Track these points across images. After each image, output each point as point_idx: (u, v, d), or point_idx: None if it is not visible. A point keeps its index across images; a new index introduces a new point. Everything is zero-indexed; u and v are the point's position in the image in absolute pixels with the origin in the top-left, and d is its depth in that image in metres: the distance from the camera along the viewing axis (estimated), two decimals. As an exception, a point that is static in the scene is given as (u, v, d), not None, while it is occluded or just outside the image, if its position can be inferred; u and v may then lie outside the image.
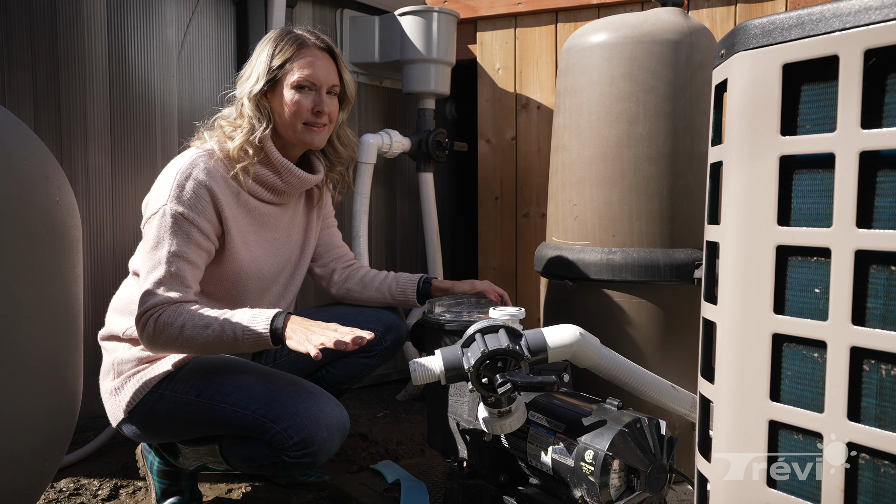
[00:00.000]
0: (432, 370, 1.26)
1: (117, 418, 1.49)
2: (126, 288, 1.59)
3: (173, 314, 1.35)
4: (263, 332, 1.34)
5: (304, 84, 1.50)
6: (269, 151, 1.52)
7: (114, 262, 2.09)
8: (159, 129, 2.17)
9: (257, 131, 1.49)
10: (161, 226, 1.39)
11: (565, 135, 1.73)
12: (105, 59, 2.05)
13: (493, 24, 2.72)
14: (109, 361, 1.52)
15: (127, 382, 1.48)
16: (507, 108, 2.72)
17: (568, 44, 1.76)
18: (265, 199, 1.56)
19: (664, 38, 1.60)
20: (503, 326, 1.27)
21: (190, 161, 1.45)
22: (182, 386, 1.45)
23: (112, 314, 1.58)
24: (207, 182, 1.43)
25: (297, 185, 1.58)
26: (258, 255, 1.55)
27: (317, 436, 1.36)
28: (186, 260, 1.40)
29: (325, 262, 1.80)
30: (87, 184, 2.03)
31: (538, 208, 2.68)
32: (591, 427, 1.21)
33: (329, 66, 1.53)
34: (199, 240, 1.42)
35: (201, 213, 1.42)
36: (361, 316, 1.70)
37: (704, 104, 1.65)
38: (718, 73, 0.95)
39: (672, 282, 1.59)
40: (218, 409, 1.41)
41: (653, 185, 1.61)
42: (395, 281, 1.77)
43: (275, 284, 1.62)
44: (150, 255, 1.40)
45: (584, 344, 1.28)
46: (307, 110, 1.51)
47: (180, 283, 1.39)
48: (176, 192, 1.40)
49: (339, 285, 1.79)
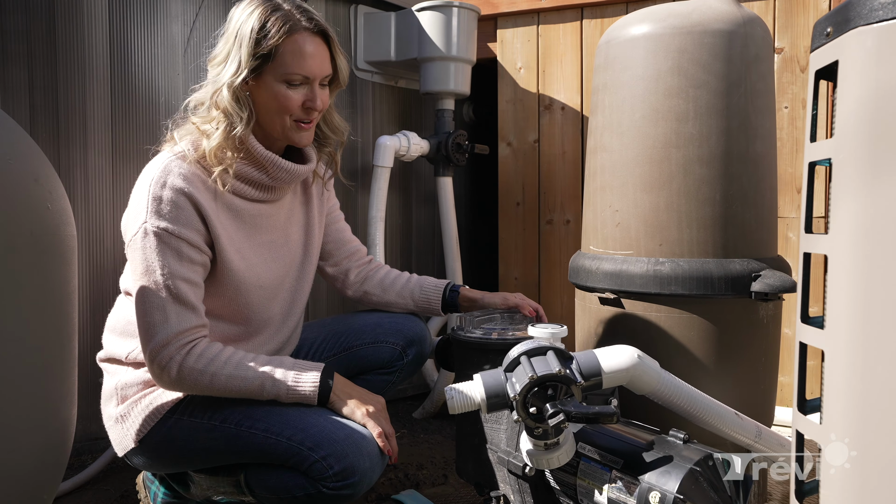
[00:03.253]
0: (472, 398, 1.12)
1: (125, 447, 1.34)
2: (121, 307, 1.44)
3: (203, 358, 1.23)
4: (310, 393, 1.25)
5: (294, 79, 1.29)
6: (252, 147, 1.32)
7: (115, 274, 1.94)
8: (164, 129, 2.03)
9: (237, 128, 1.28)
10: (146, 247, 1.23)
11: (605, 135, 1.59)
12: (106, 56, 1.92)
13: (514, 21, 2.59)
14: (112, 385, 1.38)
15: (134, 408, 1.34)
16: (530, 109, 2.58)
17: (606, 36, 1.63)
18: (252, 198, 1.37)
19: (716, 29, 1.46)
20: (551, 348, 1.13)
21: (162, 168, 1.26)
22: (202, 410, 1.31)
23: (110, 336, 1.44)
24: (186, 188, 1.25)
25: (287, 178, 1.39)
26: (254, 262, 1.38)
27: (359, 465, 1.22)
28: (184, 279, 1.24)
29: (338, 261, 1.62)
30: (87, 188, 1.90)
31: (562, 215, 2.54)
32: (655, 464, 1.06)
33: (323, 54, 1.33)
34: (190, 255, 1.26)
35: (186, 224, 1.25)
36: (380, 328, 1.55)
37: (760, 100, 1.51)
38: (822, 55, 0.81)
39: (727, 296, 1.45)
40: (247, 435, 1.27)
41: (704, 188, 1.47)
42: (418, 286, 1.61)
43: (280, 292, 1.45)
44: (142, 282, 1.23)
45: (644, 368, 1.13)
46: (297, 107, 1.31)
47: (186, 306, 1.24)
48: (153, 207, 1.23)
49: (356, 287, 1.63)
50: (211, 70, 1.33)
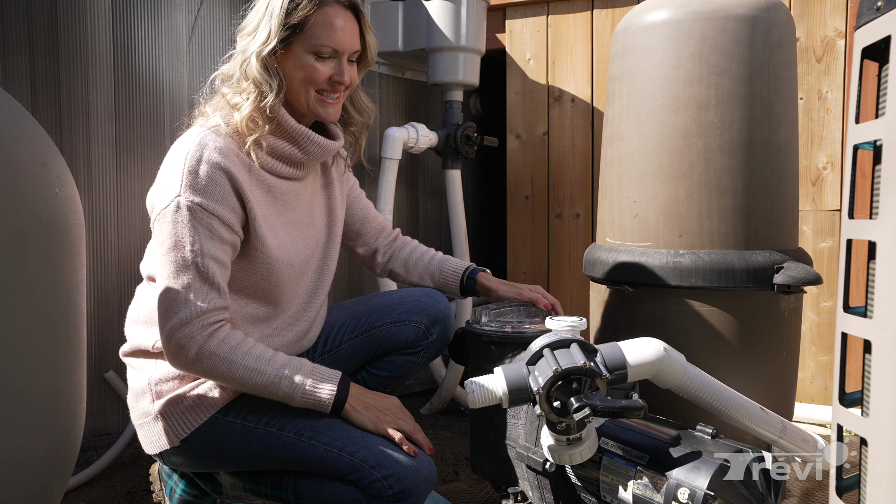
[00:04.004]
0: (493, 392, 1.09)
1: (161, 446, 1.28)
2: (144, 295, 1.37)
3: (225, 344, 1.18)
4: (326, 399, 1.21)
5: (324, 51, 1.27)
6: (283, 119, 1.29)
7: (118, 267, 1.92)
8: (168, 120, 2.00)
9: (268, 98, 1.25)
10: (177, 221, 1.18)
11: (622, 124, 1.56)
12: (109, 45, 1.88)
13: (523, 12, 2.55)
14: (144, 381, 1.31)
15: (177, 405, 1.27)
16: (539, 100, 2.54)
17: (624, 23, 1.59)
18: (283, 175, 1.34)
19: (739, 14, 1.43)
20: (575, 340, 1.09)
21: (198, 141, 1.22)
22: (257, 415, 1.26)
23: (135, 326, 1.36)
24: (223, 163, 1.21)
25: (319, 153, 1.36)
26: (285, 240, 1.34)
27: (415, 489, 1.20)
28: (213, 258, 1.20)
29: (367, 240, 1.61)
30: (90, 179, 1.86)
31: (572, 208, 2.50)
32: (683, 460, 1.03)
33: (353, 29, 1.29)
34: (222, 233, 1.21)
35: (221, 200, 1.21)
36: (402, 307, 1.49)
37: (783, 88, 1.47)
38: (871, 31, 0.77)
39: (748, 288, 1.41)
40: (307, 445, 1.23)
41: (725, 178, 1.43)
42: (438, 268, 1.58)
43: (307, 272, 1.41)
44: (168, 258, 1.19)
45: (669, 361, 1.10)
46: (324, 79, 1.28)
47: (212, 286, 1.19)
48: (189, 180, 1.19)
49: (383, 267, 1.62)
50: (240, 41, 1.30)
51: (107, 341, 1.90)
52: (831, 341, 2.20)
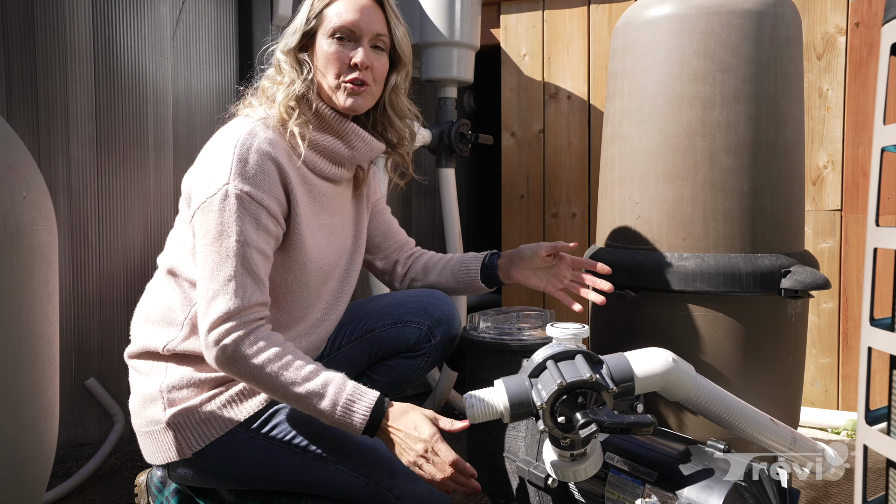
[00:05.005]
0: (494, 406, 1.03)
1: (168, 458, 1.22)
2: (158, 292, 1.30)
3: (263, 349, 1.12)
4: (359, 424, 1.11)
5: (341, 32, 1.24)
6: (321, 110, 1.27)
7: (99, 272, 1.84)
8: (151, 117, 1.92)
9: (297, 82, 1.25)
10: (224, 209, 1.14)
11: (623, 122, 1.50)
12: (89, 38, 1.80)
13: (518, 6, 2.49)
14: (154, 387, 1.24)
15: (192, 415, 1.21)
16: (534, 97, 2.49)
17: (625, 18, 1.53)
18: (325, 175, 1.30)
19: (745, 9, 1.38)
20: (580, 352, 1.04)
21: (248, 130, 1.19)
22: (281, 431, 1.20)
23: (144, 326, 1.29)
24: (273, 154, 1.18)
25: (364, 149, 1.32)
26: (320, 242, 1.30)
27: None
28: (257, 249, 1.15)
29: (387, 254, 1.55)
30: (69, 179, 1.78)
31: (568, 208, 2.45)
32: (694, 477, 0.98)
33: (374, 14, 1.27)
34: (268, 224, 1.17)
35: (269, 191, 1.17)
36: (403, 308, 1.43)
37: (790, 85, 1.42)
38: (902, 26, 0.72)
39: (755, 292, 1.36)
40: (332, 469, 1.18)
41: (731, 179, 1.38)
42: (459, 262, 1.51)
43: (331, 279, 1.36)
44: (212, 248, 1.14)
45: (679, 373, 1.05)
46: (345, 64, 1.25)
47: (255, 279, 1.14)
48: (238, 168, 1.15)
49: (402, 278, 1.54)
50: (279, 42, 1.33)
51: (87, 347, 1.83)
52: (832, 343, 2.16)
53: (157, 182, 1.94)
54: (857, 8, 2.11)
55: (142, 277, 1.82)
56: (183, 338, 1.24)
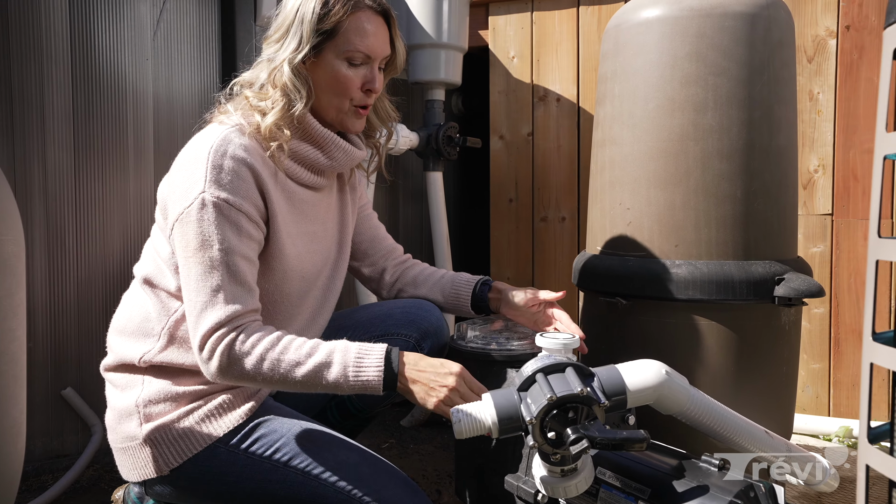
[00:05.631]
0: (482, 421, 0.99)
1: (146, 474, 1.18)
2: (134, 302, 1.27)
3: (258, 341, 1.09)
4: (375, 381, 1.09)
5: (356, 58, 1.21)
6: (310, 125, 1.23)
7: (77, 280, 1.79)
8: (131, 120, 1.87)
9: (296, 105, 1.19)
10: (202, 219, 1.10)
11: (614, 126, 1.47)
12: (66, 39, 1.75)
13: (507, 8, 2.46)
14: (130, 401, 1.20)
15: (170, 430, 1.17)
16: (523, 100, 2.46)
17: (616, 20, 1.50)
18: (304, 182, 1.27)
19: (738, 11, 1.35)
20: (570, 364, 1.00)
21: (222, 137, 1.15)
22: (262, 445, 1.16)
23: (120, 338, 1.26)
24: (249, 159, 1.15)
25: (344, 160, 1.29)
26: (301, 250, 1.27)
27: None
28: (242, 256, 1.13)
29: (374, 261, 1.51)
30: (45, 185, 1.73)
31: (558, 212, 2.42)
32: (688, 494, 0.94)
33: (384, 34, 1.24)
34: (249, 230, 1.14)
35: (246, 196, 1.14)
36: (390, 319, 1.40)
37: (783, 89, 1.40)
38: (905, 29, 0.69)
39: (748, 300, 1.34)
40: (315, 483, 1.14)
41: (724, 185, 1.36)
42: (451, 281, 1.46)
43: (314, 288, 1.33)
44: (195, 259, 1.11)
45: (672, 386, 1.02)
46: (357, 88, 1.22)
47: (242, 286, 1.12)
48: (213, 175, 1.11)
49: (390, 287, 1.51)
50: (266, 49, 1.25)
51: (64, 357, 1.78)
52: (823, 349, 2.14)
53: (138, 187, 1.90)
54: (848, 11, 2.09)
55: (121, 285, 1.78)
56: (160, 349, 1.20)
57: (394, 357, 1.11)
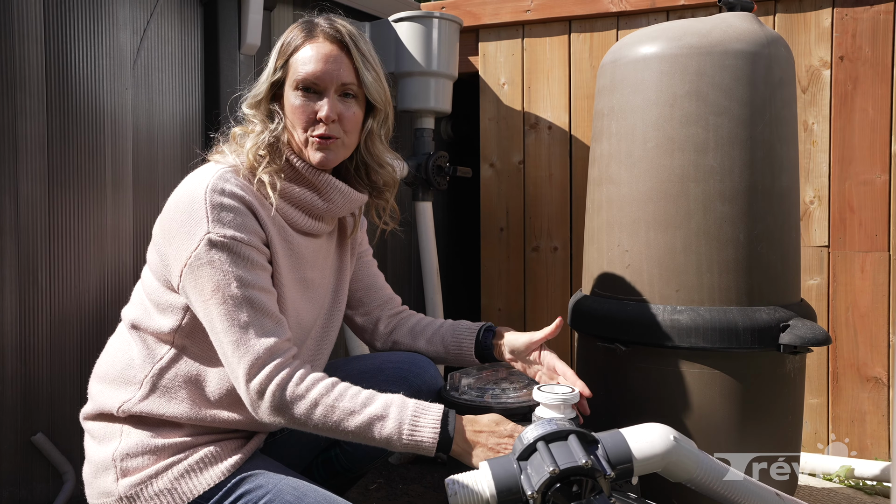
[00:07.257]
0: (479, 493, 0.93)
1: None
2: (119, 347, 1.20)
3: (308, 387, 1.07)
4: (429, 443, 1.05)
5: (305, 84, 1.17)
6: (294, 163, 1.19)
7: (50, 318, 1.70)
8: (109, 151, 1.80)
9: (265, 132, 1.18)
10: (214, 260, 1.07)
11: (611, 165, 1.43)
12: (41, 68, 1.68)
13: (497, 34, 2.42)
14: (107, 454, 1.14)
15: (146, 487, 1.10)
16: (514, 127, 2.41)
17: (612, 55, 1.46)
18: (302, 229, 1.22)
19: (739, 50, 1.31)
20: (573, 431, 0.94)
21: (217, 175, 1.12)
22: (247, 502, 1.11)
23: (100, 385, 1.19)
24: (247, 197, 1.12)
25: (342, 202, 1.24)
26: (296, 297, 1.22)
27: None
28: (260, 289, 1.10)
29: (369, 310, 1.45)
30: (17, 219, 1.65)
31: (550, 241, 2.37)
32: (700, 573, 0.89)
33: (339, 61, 1.18)
34: (261, 262, 1.12)
35: (252, 231, 1.11)
36: (381, 375, 1.34)
37: (785, 129, 1.36)
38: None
39: (752, 348, 1.29)
40: None
41: (726, 228, 1.31)
42: (451, 330, 1.41)
43: (308, 338, 1.28)
44: (214, 301, 1.07)
45: (681, 452, 0.96)
46: (310, 118, 1.17)
47: (270, 317, 1.09)
48: (214, 215, 1.08)
49: (385, 338, 1.45)
50: None
51: (35, 400, 1.69)
52: (821, 384, 2.10)
53: (115, 221, 1.82)
54: (842, 41, 2.07)
55: (97, 324, 1.69)
56: (141, 398, 1.14)
57: (451, 420, 1.07)
